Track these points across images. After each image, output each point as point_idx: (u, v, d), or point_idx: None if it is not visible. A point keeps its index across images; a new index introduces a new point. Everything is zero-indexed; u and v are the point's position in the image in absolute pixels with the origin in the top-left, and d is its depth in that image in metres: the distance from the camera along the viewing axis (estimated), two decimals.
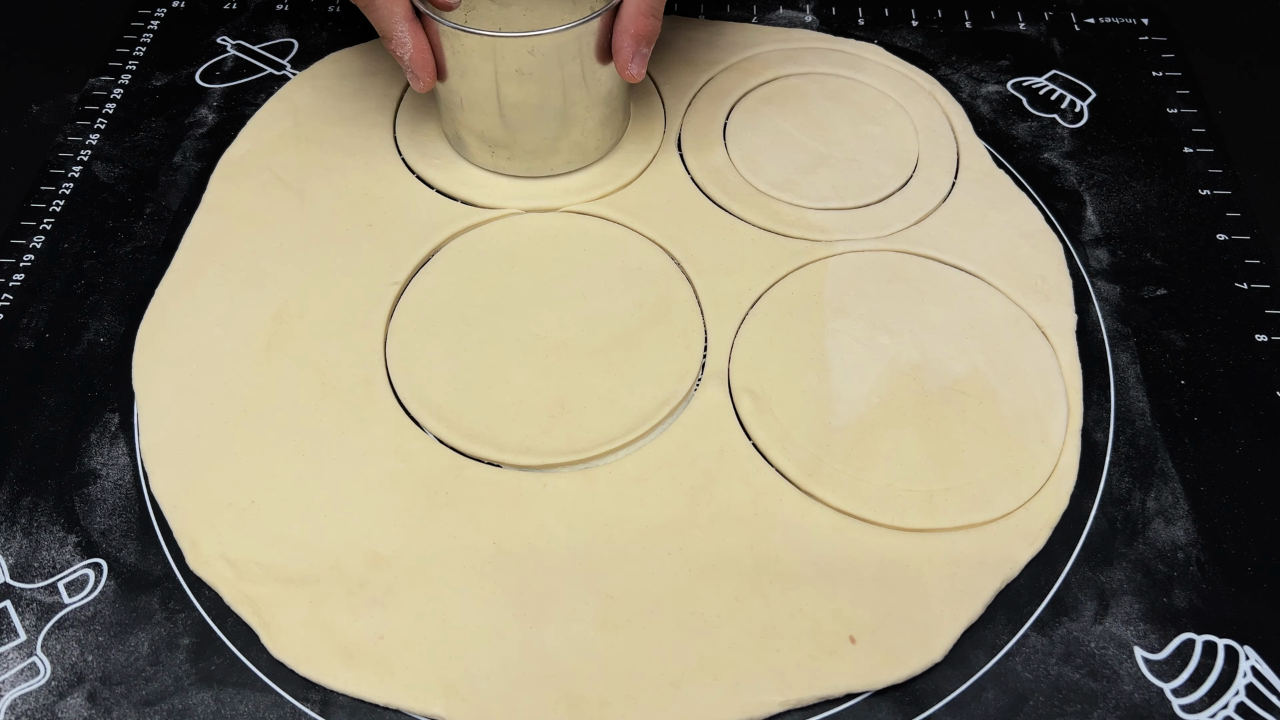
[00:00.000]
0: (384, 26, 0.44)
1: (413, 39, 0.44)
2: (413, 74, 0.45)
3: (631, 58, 0.45)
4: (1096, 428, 0.44)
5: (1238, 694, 0.37)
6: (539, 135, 0.48)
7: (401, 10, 0.44)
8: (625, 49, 0.45)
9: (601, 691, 0.36)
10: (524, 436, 0.42)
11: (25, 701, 0.37)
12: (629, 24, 0.44)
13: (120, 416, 0.44)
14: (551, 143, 0.49)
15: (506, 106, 0.46)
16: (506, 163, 0.50)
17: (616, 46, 0.45)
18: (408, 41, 0.44)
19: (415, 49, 0.45)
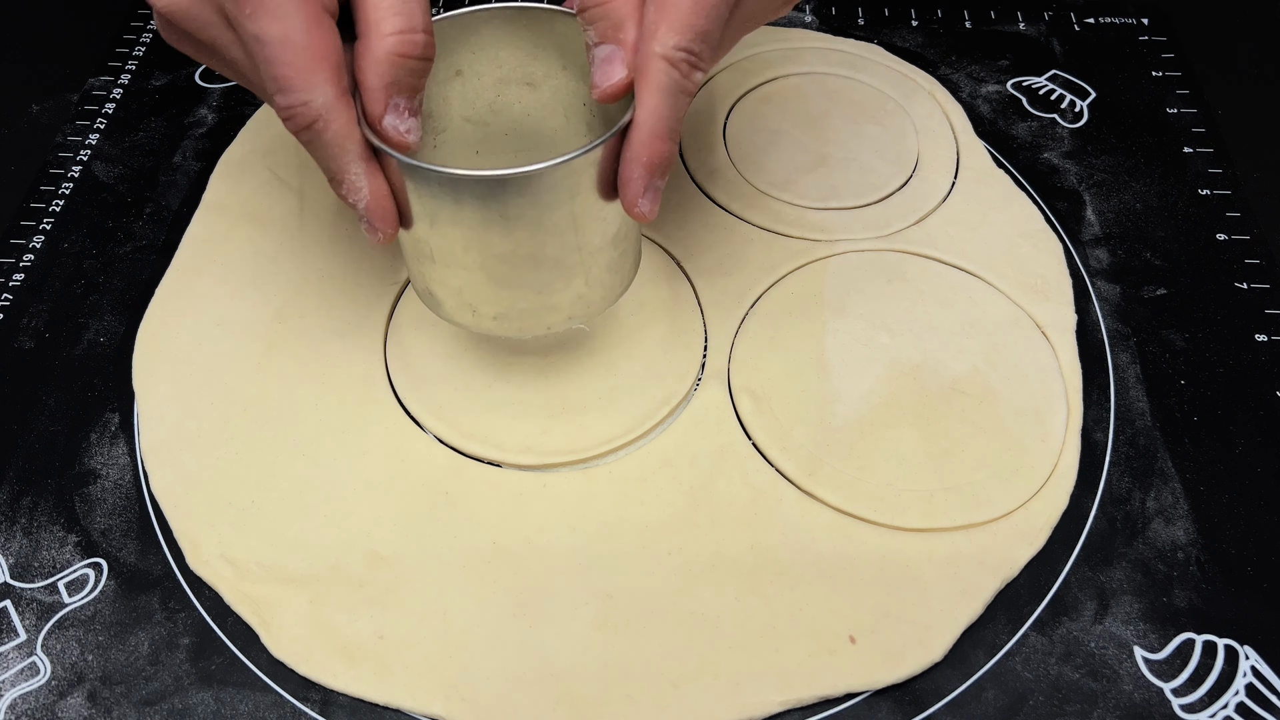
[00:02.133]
0: (333, 167, 0.34)
1: (369, 182, 0.35)
2: (369, 224, 0.36)
3: (643, 191, 0.35)
4: (1096, 427, 0.44)
5: (1237, 694, 0.37)
6: (533, 290, 0.38)
7: (356, 148, 0.34)
8: (635, 181, 0.35)
9: (601, 691, 0.36)
10: (524, 436, 0.42)
11: (25, 701, 0.37)
12: (640, 150, 0.34)
13: (120, 416, 0.44)
14: (547, 298, 0.38)
15: (490, 259, 0.37)
16: (493, 323, 0.39)
17: (625, 177, 0.35)
18: (363, 186, 0.35)
19: (372, 195, 0.35)
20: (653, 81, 0.34)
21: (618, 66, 0.35)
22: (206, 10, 0.33)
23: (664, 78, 0.34)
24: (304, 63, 0.32)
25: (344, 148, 0.34)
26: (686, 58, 0.34)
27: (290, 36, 0.32)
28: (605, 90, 0.35)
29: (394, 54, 0.33)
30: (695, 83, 0.34)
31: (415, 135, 0.35)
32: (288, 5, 0.32)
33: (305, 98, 0.33)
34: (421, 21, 0.34)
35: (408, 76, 0.34)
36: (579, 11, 0.36)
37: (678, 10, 0.33)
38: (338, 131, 0.33)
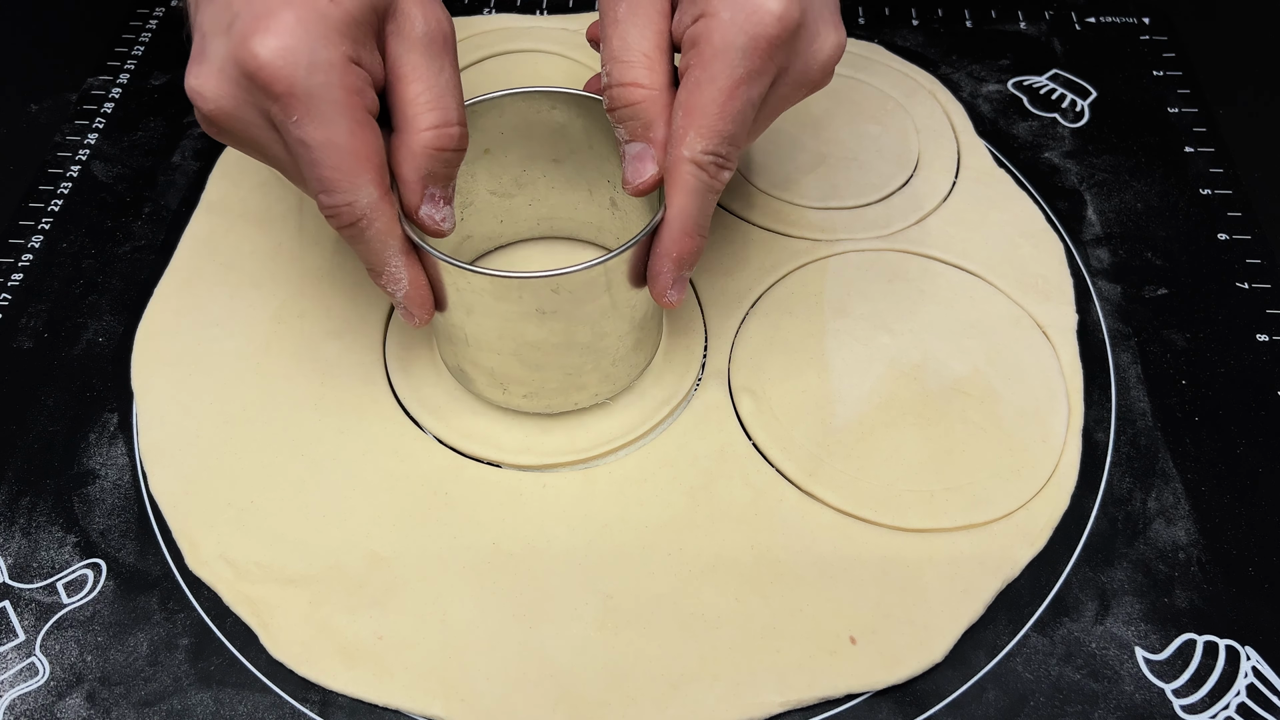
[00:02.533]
0: (375, 260, 0.36)
1: (409, 274, 0.37)
2: (407, 312, 0.38)
3: (672, 284, 0.37)
4: (1097, 428, 0.44)
5: (1239, 694, 0.37)
6: (563, 372, 0.40)
7: (397, 243, 0.36)
8: (665, 275, 0.37)
9: (601, 692, 0.36)
10: (523, 436, 0.42)
11: (24, 702, 0.37)
12: (671, 246, 0.36)
13: (119, 416, 0.44)
14: (576, 379, 0.41)
15: (524, 346, 0.39)
16: (522, 400, 0.42)
17: (655, 271, 0.37)
18: (403, 278, 0.36)
19: (411, 285, 0.37)
20: (682, 184, 0.35)
21: (649, 164, 0.37)
22: (251, 113, 0.34)
23: (693, 180, 0.35)
24: (349, 165, 0.33)
25: (386, 244, 0.35)
26: (714, 160, 0.35)
27: (335, 140, 0.33)
28: (637, 186, 0.37)
29: (430, 148, 0.35)
30: (723, 182, 0.36)
31: (450, 224, 0.37)
32: (332, 110, 0.33)
33: (350, 199, 0.34)
34: (456, 115, 0.36)
35: (442, 168, 0.36)
36: (608, 110, 0.37)
37: (705, 116, 0.34)
38: (381, 229, 0.35)
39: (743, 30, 0.34)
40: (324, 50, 0.32)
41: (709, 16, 0.34)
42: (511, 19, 0.59)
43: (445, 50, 0.36)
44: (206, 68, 0.33)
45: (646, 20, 0.36)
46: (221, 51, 0.33)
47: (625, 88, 0.36)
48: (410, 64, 0.35)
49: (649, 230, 0.36)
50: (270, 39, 0.32)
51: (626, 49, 0.36)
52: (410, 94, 0.35)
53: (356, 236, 0.35)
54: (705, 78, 0.34)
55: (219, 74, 0.33)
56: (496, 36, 0.58)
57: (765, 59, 0.34)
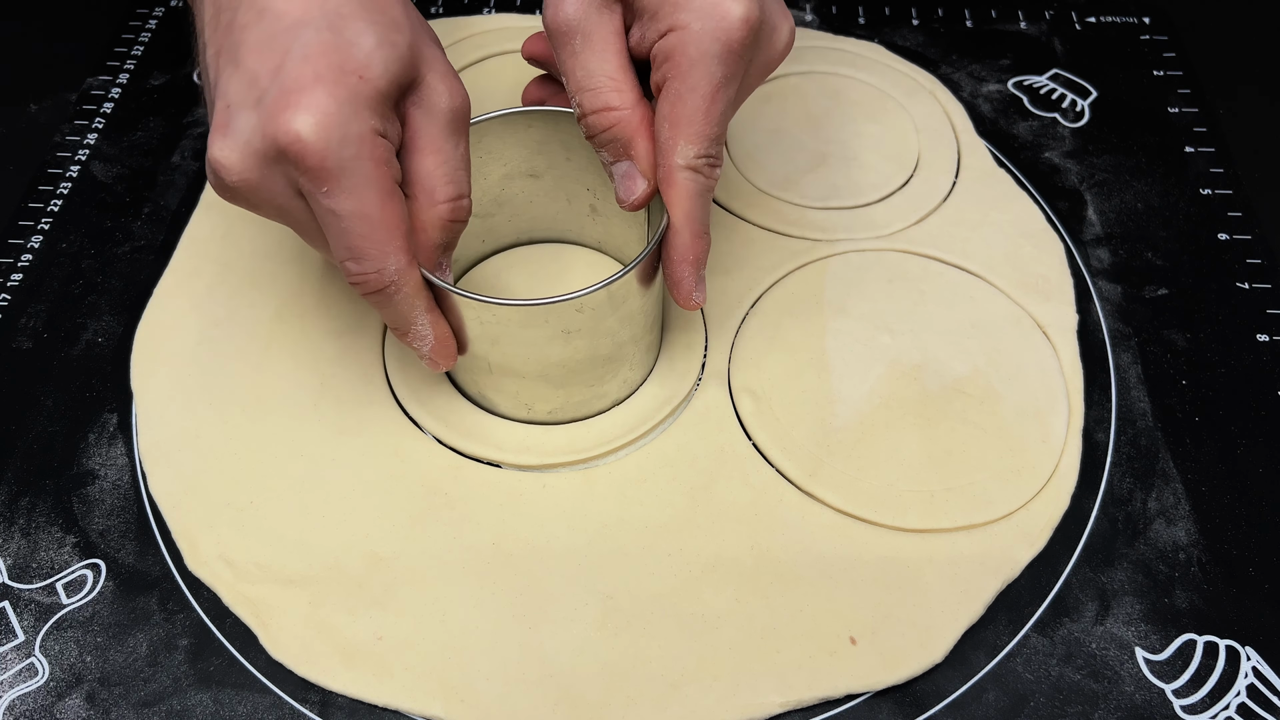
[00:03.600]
0: (402, 322, 0.37)
1: (434, 329, 0.38)
2: (432, 361, 0.39)
3: (696, 286, 0.39)
4: (1098, 428, 0.44)
5: (1239, 695, 0.37)
6: (585, 384, 0.41)
7: (424, 303, 0.37)
8: (687, 279, 0.38)
9: (601, 692, 0.36)
10: (523, 436, 0.42)
11: (24, 702, 0.37)
12: (685, 251, 0.38)
13: (119, 417, 0.44)
14: (598, 389, 0.42)
15: (550, 367, 0.40)
16: (547, 415, 0.43)
17: (676, 278, 0.38)
18: (428, 335, 0.38)
19: (437, 339, 0.38)
20: (682, 190, 0.37)
21: (638, 180, 0.38)
22: (278, 184, 0.35)
23: (692, 184, 0.37)
24: (378, 235, 0.34)
25: (413, 305, 0.37)
26: (707, 162, 0.37)
27: (366, 212, 0.34)
28: (633, 203, 0.38)
29: (446, 220, 0.37)
30: (716, 178, 0.38)
31: (449, 274, 0.39)
32: (363, 183, 0.33)
33: (379, 265, 0.35)
34: (468, 187, 0.38)
35: (453, 237, 0.38)
36: (588, 137, 0.38)
37: (692, 124, 0.36)
38: (409, 293, 0.36)
39: (714, 38, 0.35)
40: (355, 125, 0.33)
41: (678, 29, 0.35)
42: (511, 19, 0.59)
43: (463, 126, 0.37)
44: (232, 140, 0.34)
45: (604, 45, 0.37)
46: (250, 124, 0.33)
47: (599, 114, 0.37)
48: (429, 137, 0.36)
49: (659, 239, 0.38)
50: (304, 115, 0.32)
51: (590, 77, 0.37)
52: (428, 166, 0.36)
53: (384, 301, 0.36)
54: (686, 88, 0.36)
55: (245, 146, 0.34)
56: (496, 36, 0.58)
57: (737, 61, 0.36)
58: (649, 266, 0.38)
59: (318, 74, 0.33)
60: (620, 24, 0.38)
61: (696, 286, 0.39)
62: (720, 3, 0.35)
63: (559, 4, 0.37)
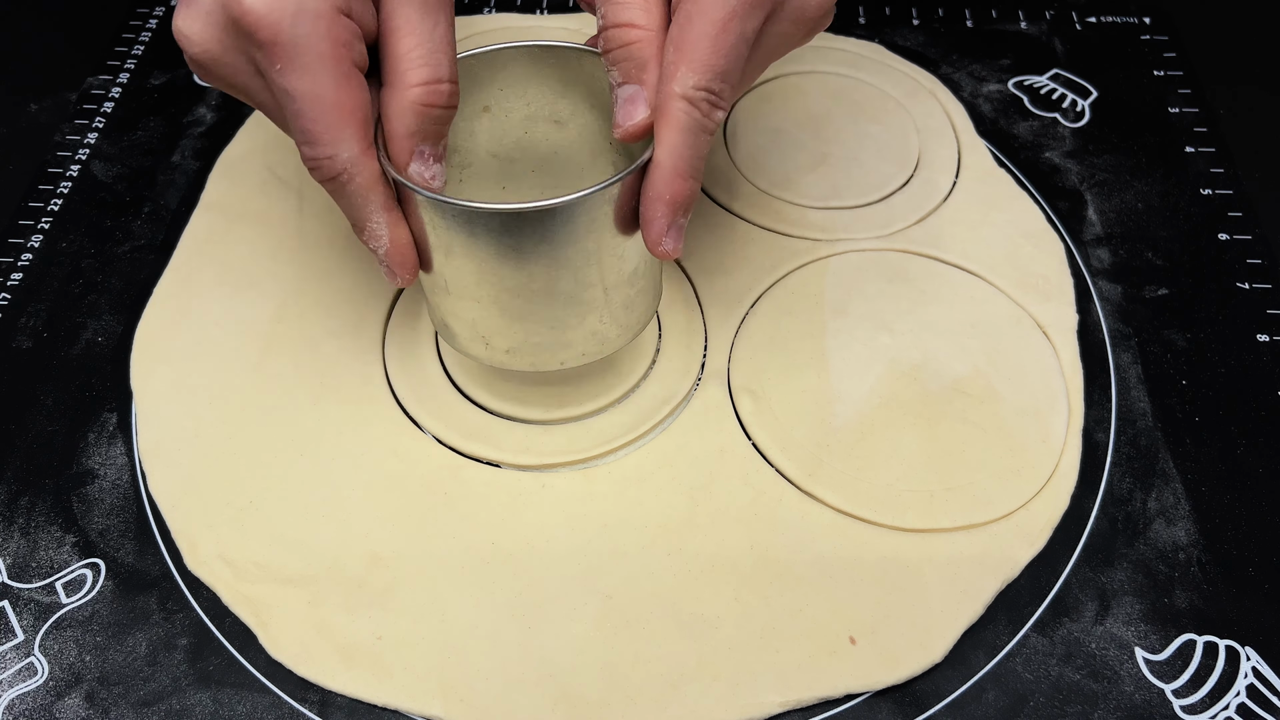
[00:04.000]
0: (357, 216, 0.35)
1: (390, 231, 0.36)
2: (389, 270, 0.37)
3: (666, 229, 0.35)
4: (1098, 428, 0.44)
5: (1238, 695, 0.37)
6: (546, 325, 0.38)
7: (379, 199, 0.35)
8: (658, 220, 0.35)
9: (600, 692, 0.36)
10: (523, 436, 0.42)
11: (23, 701, 0.37)
12: (663, 188, 0.34)
13: (118, 416, 0.44)
14: (561, 334, 0.38)
15: (502, 293, 0.37)
16: (505, 356, 0.39)
17: (648, 217, 0.35)
18: (384, 234, 0.36)
19: (392, 242, 0.36)
20: (673, 121, 0.34)
21: (640, 106, 0.35)
22: (238, 59, 0.34)
23: (684, 117, 0.34)
24: (331, 119, 0.33)
25: (367, 199, 0.35)
26: (707, 97, 0.34)
27: (318, 93, 0.32)
28: (627, 130, 0.35)
29: (419, 104, 0.34)
30: (716, 121, 0.34)
31: (439, 181, 0.36)
32: (316, 62, 0.32)
33: (331, 152, 0.33)
34: (447, 71, 0.35)
35: (432, 125, 0.35)
36: (603, 53, 0.36)
37: (696, 50, 0.33)
38: (361, 185, 0.34)
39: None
40: (311, 1, 0.32)
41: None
42: (511, 19, 0.59)
43: (441, 6, 0.35)
44: (194, 10, 0.33)
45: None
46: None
47: (620, 28, 0.34)
48: (404, 17, 0.34)
49: (636, 169, 0.34)
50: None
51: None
52: (402, 49, 0.34)
53: (338, 191, 0.35)
54: (696, 11, 0.33)
55: (206, 17, 0.33)
56: (496, 37, 0.58)
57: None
58: (623, 200, 0.35)
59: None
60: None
61: (668, 231, 0.35)
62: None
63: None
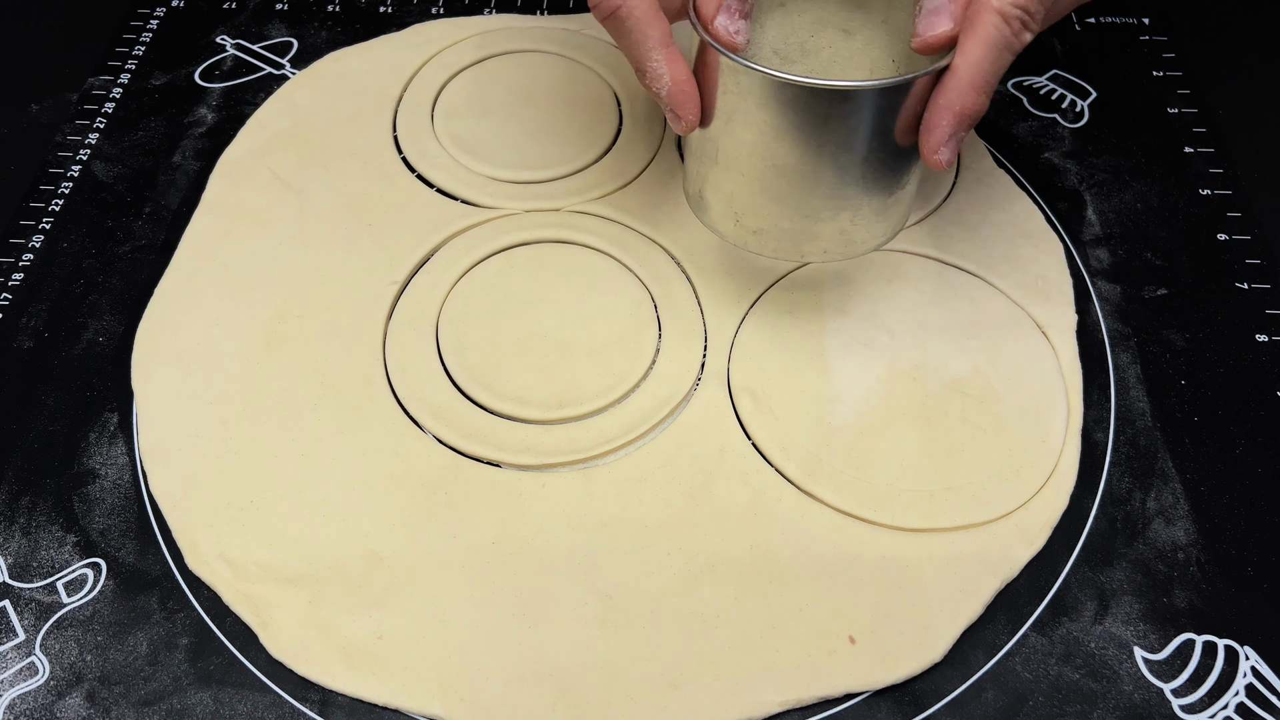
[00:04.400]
0: (637, 54, 0.37)
1: (670, 69, 0.37)
2: (672, 112, 0.38)
3: (946, 139, 0.35)
4: (1097, 428, 0.44)
5: (1238, 694, 0.37)
6: (800, 212, 0.39)
7: (656, 34, 0.36)
8: (941, 128, 0.35)
9: (600, 691, 0.36)
10: (523, 436, 0.42)
11: (24, 701, 0.37)
12: (955, 98, 0.34)
13: (119, 416, 0.44)
14: (811, 224, 0.39)
15: (769, 170, 0.38)
16: (753, 238, 0.40)
17: (931, 123, 0.35)
18: (664, 73, 0.37)
19: (674, 81, 0.37)
20: (982, 33, 0.34)
21: (944, 19, 0.35)
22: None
23: (994, 31, 0.34)
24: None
25: (645, 34, 0.36)
26: (1020, 15, 0.34)
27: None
28: (927, 39, 0.35)
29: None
30: (1023, 42, 0.34)
31: (744, 37, 0.36)
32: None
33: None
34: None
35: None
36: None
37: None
38: (639, 19, 0.36)
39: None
40: None
41: None
42: (511, 19, 0.59)
43: None
44: None
45: None
46: None
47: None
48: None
49: (931, 72, 0.34)
50: None
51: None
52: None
53: (617, 26, 0.36)
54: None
55: None
56: (496, 36, 0.58)
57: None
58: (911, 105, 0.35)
59: None
60: None
61: (946, 141, 0.35)
62: None
63: None
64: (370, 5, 0.61)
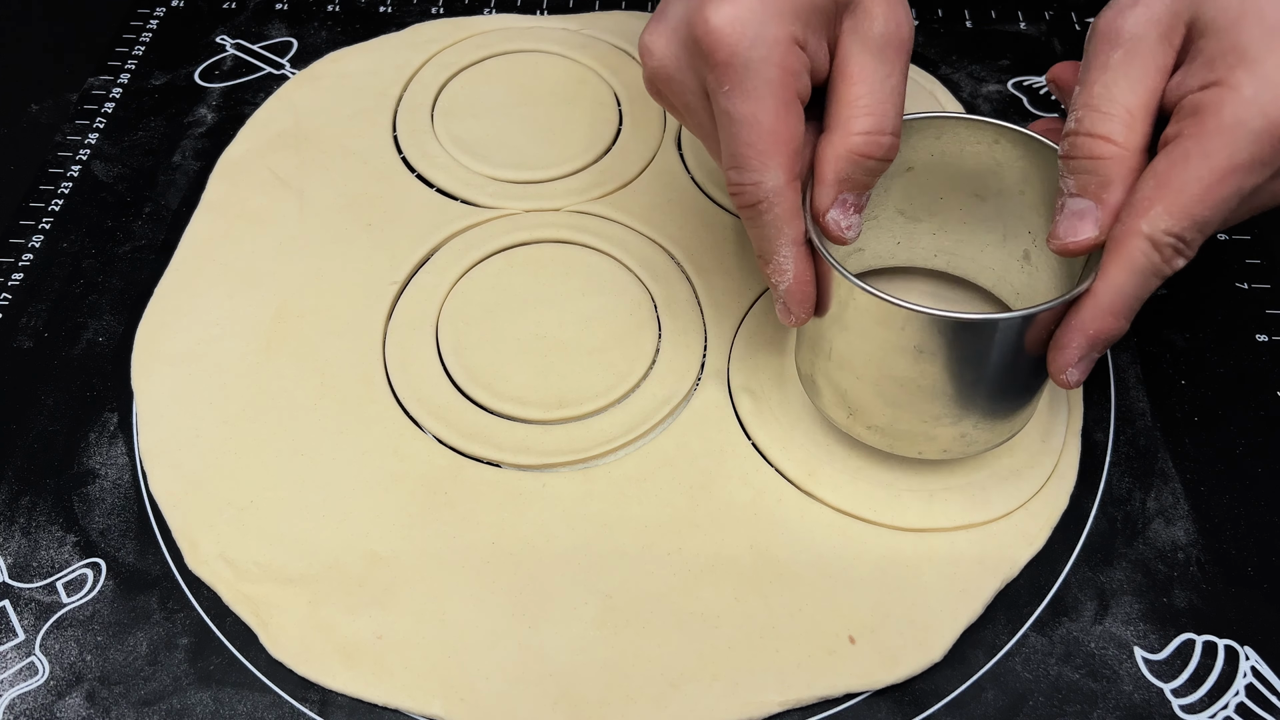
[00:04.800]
0: (766, 246, 0.35)
1: (795, 266, 0.35)
2: (784, 308, 0.36)
3: (1076, 360, 0.33)
4: (1097, 428, 0.44)
5: (1237, 694, 0.37)
6: (919, 418, 0.37)
7: (792, 233, 0.34)
8: (1072, 348, 0.33)
9: (600, 691, 0.36)
10: (523, 436, 0.42)
11: (24, 701, 0.37)
12: (1090, 322, 0.32)
13: (119, 416, 0.44)
14: (931, 428, 0.37)
15: (886, 379, 0.36)
16: (865, 431, 0.39)
17: (1062, 343, 0.33)
18: (789, 270, 0.35)
19: (796, 280, 0.35)
20: (1128, 258, 0.32)
21: (1089, 224, 0.33)
22: (689, 77, 0.35)
23: (1142, 259, 0.32)
24: (765, 145, 0.33)
25: (781, 230, 0.35)
26: (1174, 244, 0.32)
27: (758, 118, 0.33)
28: (1067, 244, 0.34)
29: (856, 153, 0.34)
30: (1174, 268, 0.32)
31: (855, 233, 0.36)
32: (763, 87, 0.32)
33: (757, 179, 0.34)
34: (892, 124, 0.34)
35: (863, 175, 0.35)
36: (1064, 157, 0.34)
37: (1183, 195, 0.31)
38: (779, 215, 0.34)
39: (1263, 112, 0.30)
40: (773, 27, 0.32)
41: (1224, 87, 0.30)
42: (511, 19, 0.60)
43: (898, 55, 0.34)
44: (662, 26, 0.35)
45: (1142, 73, 0.33)
46: (679, 13, 0.34)
47: (1095, 139, 0.33)
48: (858, 64, 0.34)
49: (1069, 299, 0.33)
50: (725, 7, 0.32)
51: (1108, 99, 0.33)
52: (851, 94, 0.34)
53: (754, 218, 0.35)
54: (1198, 151, 0.31)
55: (670, 34, 0.34)
56: (496, 36, 0.58)
57: (1274, 149, 0.30)
58: (1043, 324, 0.33)
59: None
60: (1170, 61, 0.33)
61: (1076, 362, 0.33)
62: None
63: (1123, 9, 0.33)
64: (370, 5, 0.61)
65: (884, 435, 0.39)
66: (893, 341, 0.34)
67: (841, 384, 0.38)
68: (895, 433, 0.39)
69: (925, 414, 0.37)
